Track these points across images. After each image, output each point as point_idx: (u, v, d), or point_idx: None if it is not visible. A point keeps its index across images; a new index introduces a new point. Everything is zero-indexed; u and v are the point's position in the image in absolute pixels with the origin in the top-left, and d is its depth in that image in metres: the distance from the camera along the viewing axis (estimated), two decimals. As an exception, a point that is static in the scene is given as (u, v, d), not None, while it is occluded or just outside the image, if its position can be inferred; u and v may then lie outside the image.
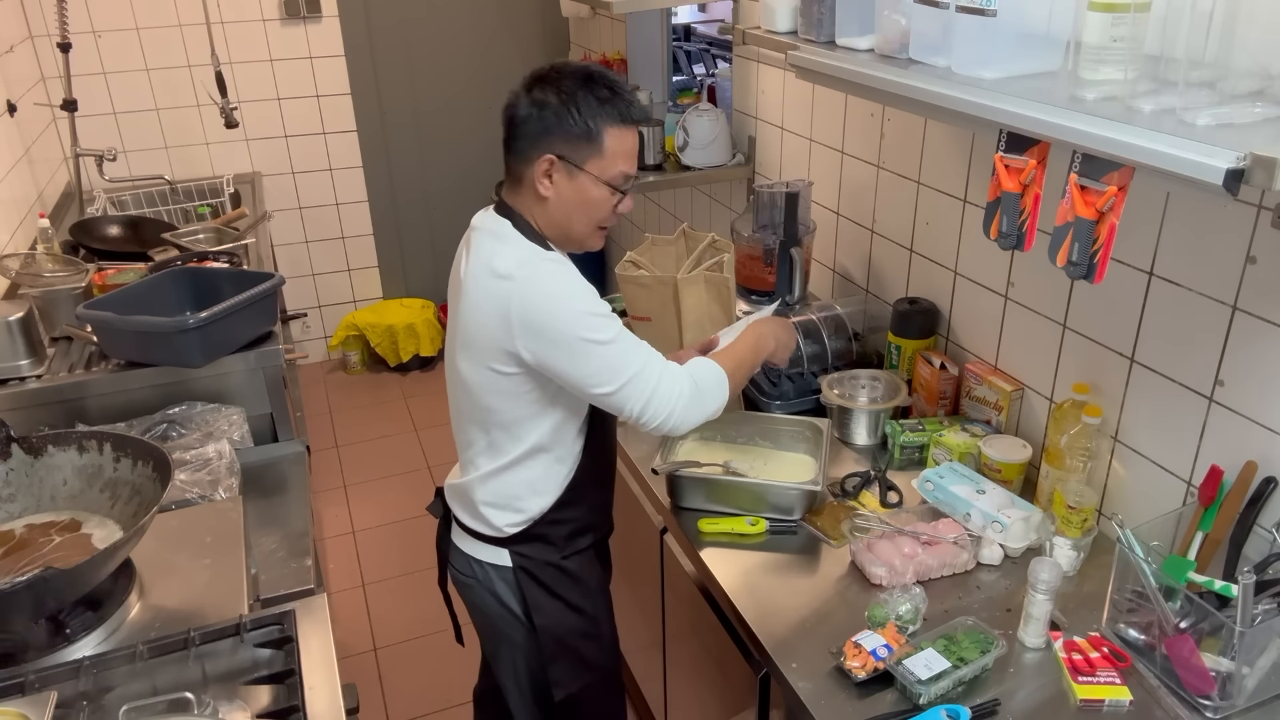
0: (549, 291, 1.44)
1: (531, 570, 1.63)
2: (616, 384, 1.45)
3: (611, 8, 2.70)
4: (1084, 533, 1.60)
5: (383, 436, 3.92)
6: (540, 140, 1.45)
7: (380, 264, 4.47)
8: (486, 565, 1.66)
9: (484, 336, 1.47)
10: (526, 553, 1.63)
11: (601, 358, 1.44)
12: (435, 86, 4.29)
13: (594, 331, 1.43)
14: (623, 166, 1.49)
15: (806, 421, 1.89)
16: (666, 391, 1.48)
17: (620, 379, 1.45)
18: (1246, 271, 1.36)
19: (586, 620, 1.69)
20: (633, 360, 1.46)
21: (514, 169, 1.51)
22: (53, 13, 3.17)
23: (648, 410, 1.47)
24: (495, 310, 1.44)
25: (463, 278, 1.52)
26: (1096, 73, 1.15)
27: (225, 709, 1.23)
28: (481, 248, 1.50)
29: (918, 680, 1.31)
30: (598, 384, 1.45)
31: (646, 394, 1.46)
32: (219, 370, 2.12)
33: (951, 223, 1.98)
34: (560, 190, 1.48)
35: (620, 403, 1.47)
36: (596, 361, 1.44)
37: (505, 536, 1.63)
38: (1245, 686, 1.28)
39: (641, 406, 1.47)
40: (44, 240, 2.60)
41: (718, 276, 1.94)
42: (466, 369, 1.53)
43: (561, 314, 1.43)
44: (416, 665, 2.75)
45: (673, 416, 1.49)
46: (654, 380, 1.47)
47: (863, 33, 1.57)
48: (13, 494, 1.56)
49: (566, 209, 1.49)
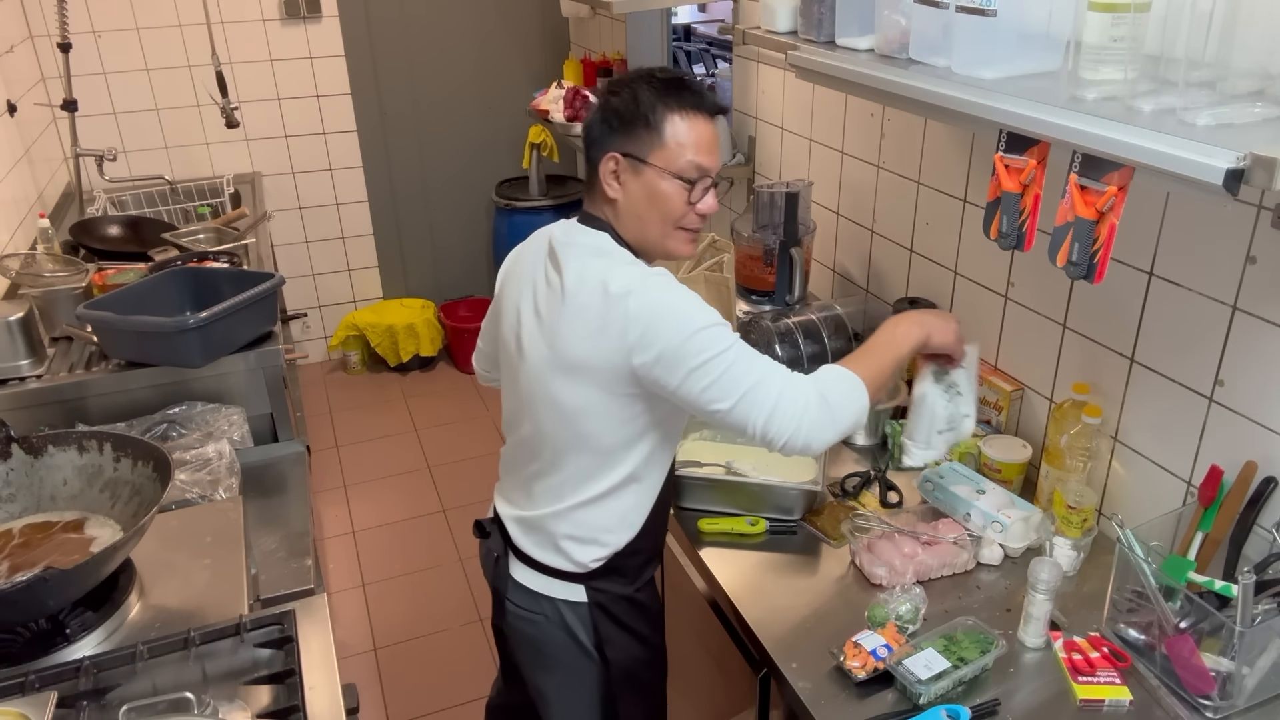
0: (666, 306, 1.34)
1: (606, 605, 1.54)
2: (733, 399, 1.33)
3: (611, 8, 2.70)
4: (1084, 533, 1.60)
5: (383, 436, 3.92)
6: (605, 141, 1.41)
7: (380, 264, 4.47)
8: (557, 601, 1.54)
9: (596, 357, 1.37)
10: (602, 587, 1.53)
11: (718, 371, 1.32)
12: (435, 86, 4.29)
13: (712, 344, 1.33)
14: (691, 156, 1.39)
15: None
16: (789, 405, 1.33)
17: (736, 393, 1.33)
18: (1246, 271, 1.36)
19: (650, 650, 1.63)
20: (750, 372, 1.34)
21: (591, 179, 1.45)
22: (53, 13, 3.17)
23: (771, 426, 1.33)
24: (610, 330, 1.34)
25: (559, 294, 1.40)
26: (1096, 73, 1.15)
27: (225, 709, 1.23)
28: (584, 264, 1.40)
29: (918, 680, 1.31)
30: (714, 399, 1.33)
31: (768, 408, 1.32)
32: (219, 370, 2.12)
33: (951, 223, 1.98)
34: (628, 190, 1.41)
35: (741, 419, 1.34)
36: (714, 374, 1.32)
37: (585, 571, 1.52)
38: (1245, 686, 1.28)
39: (764, 422, 1.33)
40: (44, 240, 2.60)
41: (718, 276, 1.94)
42: (568, 393, 1.41)
43: (680, 329, 1.33)
44: (416, 665, 2.75)
45: (800, 432, 1.33)
46: (774, 393, 1.33)
47: (863, 33, 1.57)
48: (13, 494, 1.56)
49: (637, 209, 1.41)
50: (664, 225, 1.42)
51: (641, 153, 1.39)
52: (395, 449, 3.83)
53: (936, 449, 1.54)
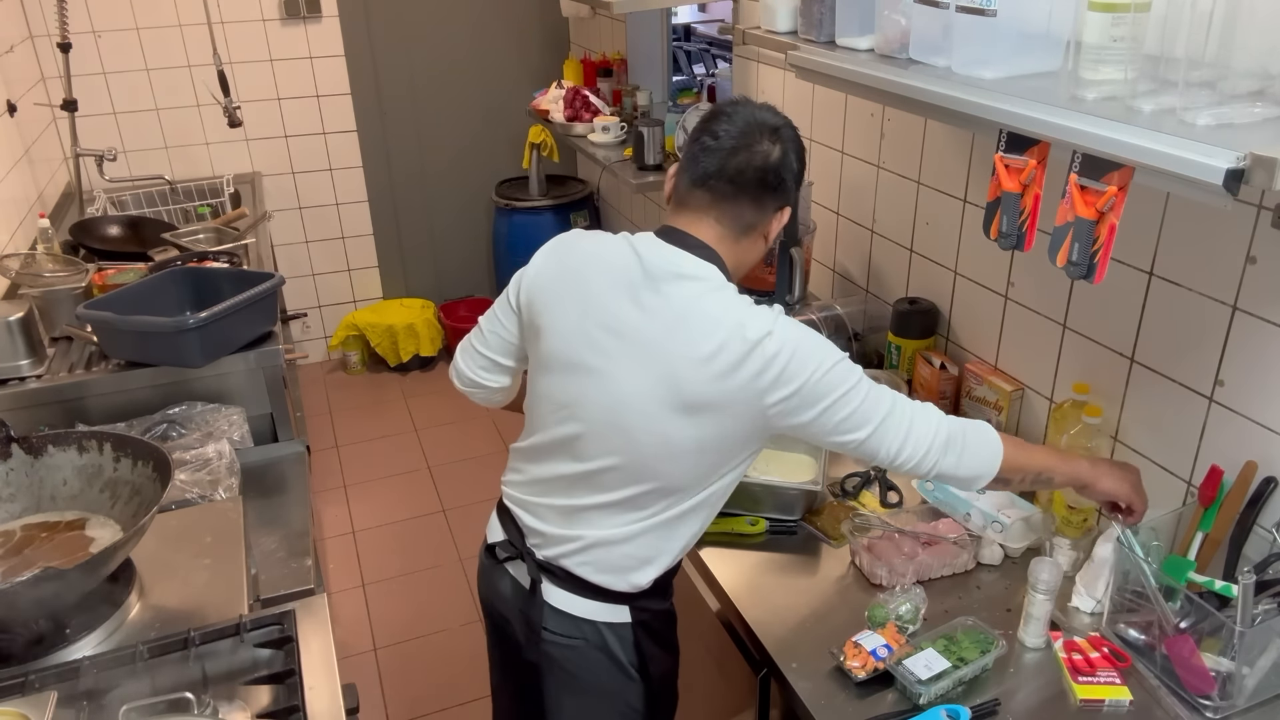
0: (803, 344, 1.31)
1: (648, 622, 1.50)
2: (870, 428, 1.32)
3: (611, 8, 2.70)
4: (1084, 533, 1.60)
5: (383, 436, 3.92)
6: (788, 194, 1.40)
7: (380, 264, 4.47)
8: (600, 624, 1.47)
9: (723, 396, 1.31)
10: (645, 605, 1.49)
11: (856, 401, 1.32)
12: (435, 86, 4.28)
13: (847, 377, 1.32)
14: None
15: None
16: (921, 431, 1.33)
17: (874, 422, 1.32)
18: (1246, 271, 1.36)
19: (676, 660, 1.61)
20: (882, 401, 1.34)
21: (744, 217, 1.39)
22: (53, 13, 3.17)
23: (905, 449, 1.33)
24: (746, 370, 1.29)
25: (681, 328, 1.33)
26: (1096, 73, 1.15)
27: (225, 709, 1.23)
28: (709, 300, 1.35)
29: (918, 680, 1.31)
30: (852, 429, 1.32)
31: (902, 433, 1.33)
32: (219, 370, 2.12)
33: (951, 223, 1.98)
34: (772, 238, 1.45)
35: (876, 447, 1.33)
36: (852, 404, 1.31)
37: (636, 591, 1.46)
38: (1245, 686, 1.28)
39: (899, 446, 1.33)
40: (44, 240, 2.60)
41: (718, 276, 1.93)
42: (686, 433, 1.34)
43: (819, 364, 1.31)
44: (416, 665, 2.75)
45: (930, 455, 1.34)
46: (907, 419, 1.34)
47: (863, 33, 1.57)
48: (13, 494, 1.56)
49: (763, 253, 1.48)
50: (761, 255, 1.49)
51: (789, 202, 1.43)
52: (395, 449, 3.83)
53: (1102, 603, 1.51)
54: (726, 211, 1.38)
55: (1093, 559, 1.51)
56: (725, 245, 1.39)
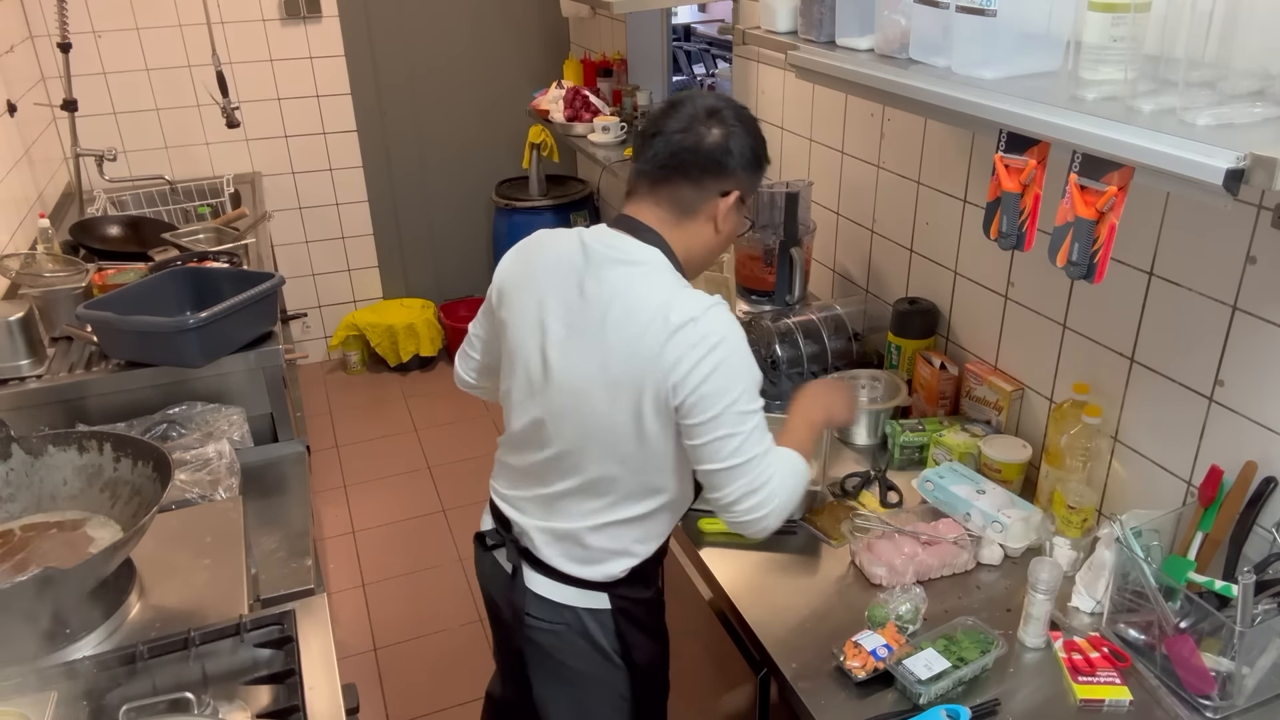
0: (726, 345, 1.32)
1: (628, 609, 1.53)
2: (739, 459, 1.33)
3: (611, 8, 2.70)
4: (1084, 533, 1.60)
5: (383, 436, 3.92)
6: (731, 175, 1.42)
7: (380, 264, 4.47)
8: (579, 610, 1.51)
9: (644, 379, 1.34)
10: (625, 593, 1.52)
11: (747, 427, 1.33)
12: (435, 86, 4.28)
13: (753, 401, 1.34)
14: None
15: None
16: (775, 490, 1.36)
17: (745, 456, 1.33)
18: (1246, 271, 1.36)
19: (664, 647, 1.63)
20: (762, 442, 1.35)
21: (684, 198, 1.41)
22: (53, 13, 3.17)
23: (752, 498, 1.35)
24: (667, 355, 1.31)
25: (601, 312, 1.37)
26: (1096, 73, 1.15)
27: (225, 709, 1.23)
28: (638, 284, 1.37)
29: (918, 680, 1.31)
30: (728, 453, 1.33)
31: (761, 480, 1.35)
32: (219, 370, 2.12)
33: (951, 223, 1.98)
34: (727, 225, 1.46)
35: (727, 480, 1.34)
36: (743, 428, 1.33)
37: (612, 580, 1.50)
38: (1245, 686, 1.28)
39: (746, 492, 1.34)
40: (44, 240, 2.60)
41: (718, 276, 1.94)
42: (621, 414, 1.37)
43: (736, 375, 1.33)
44: (416, 665, 2.75)
45: (770, 516, 1.37)
46: (769, 473, 1.36)
47: (863, 33, 1.57)
48: (13, 494, 1.56)
49: (723, 243, 1.49)
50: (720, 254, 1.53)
51: (747, 194, 1.46)
52: (395, 449, 3.83)
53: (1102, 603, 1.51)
54: (665, 195, 1.43)
55: (1093, 559, 1.51)
56: (667, 229, 1.43)
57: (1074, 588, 1.51)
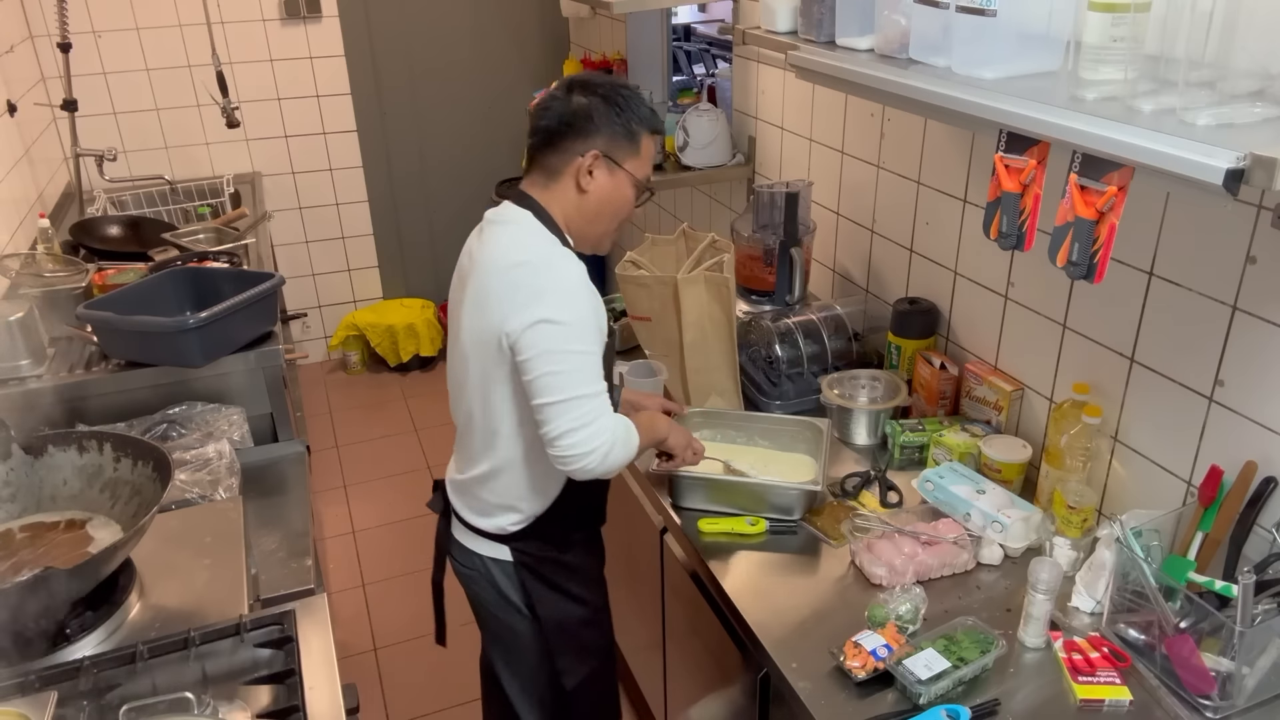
0: (558, 280, 1.45)
1: (531, 565, 1.65)
2: (563, 395, 1.42)
3: (611, 8, 2.70)
4: (1084, 533, 1.60)
5: (383, 436, 3.92)
6: (589, 138, 1.52)
7: (380, 264, 4.47)
8: (487, 559, 1.68)
9: (489, 324, 1.48)
10: (526, 549, 1.65)
11: (571, 365, 1.43)
12: (435, 86, 4.29)
13: (582, 339, 1.44)
14: (648, 171, 1.59)
15: (806, 421, 1.89)
16: (598, 434, 1.44)
17: (569, 393, 1.42)
18: (1246, 271, 1.36)
19: (587, 609, 1.72)
20: (590, 384, 1.45)
21: (549, 163, 1.54)
22: (53, 13, 3.17)
23: (571, 438, 1.43)
24: (503, 295, 1.46)
25: (472, 269, 1.54)
26: (1096, 73, 1.15)
27: (225, 709, 1.23)
28: (499, 238, 1.53)
29: (918, 680, 1.31)
30: (549, 390, 1.42)
31: (585, 420, 1.43)
32: (219, 370, 2.12)
33: (951, 223, 1.98)
34: (600, 185, 1.54)
35: (553, 415, 1.43)
36: (566, 366, 1.43)
37: (506, 534, 1.64)
38: (1245, 686, 1.28)
39: (568, 432, 1.43)
40: (44, 240, 2.60)
41: (718, 276, 1.94)
42: (473, 362, 1.54)
43: (564, 310, 1.43)
44: (416, 665, 2.75)
45: (592, 455, 1.44)
46: (597, 412, 1.45)
47: (863, 33, 1.57)
48: (13, 494, 1.56)
49: (600, 205, 1.55)
50: (611, 223, 1.59)
51: (620, 158, 1.54)
52: (395, 449, 3.83)
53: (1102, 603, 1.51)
54: (537, 163, 1.57)
55: (1093, 559, 1.51)
56: (538, 192, 1.56)
57: (1074, 588, 1.51)
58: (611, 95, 1.53)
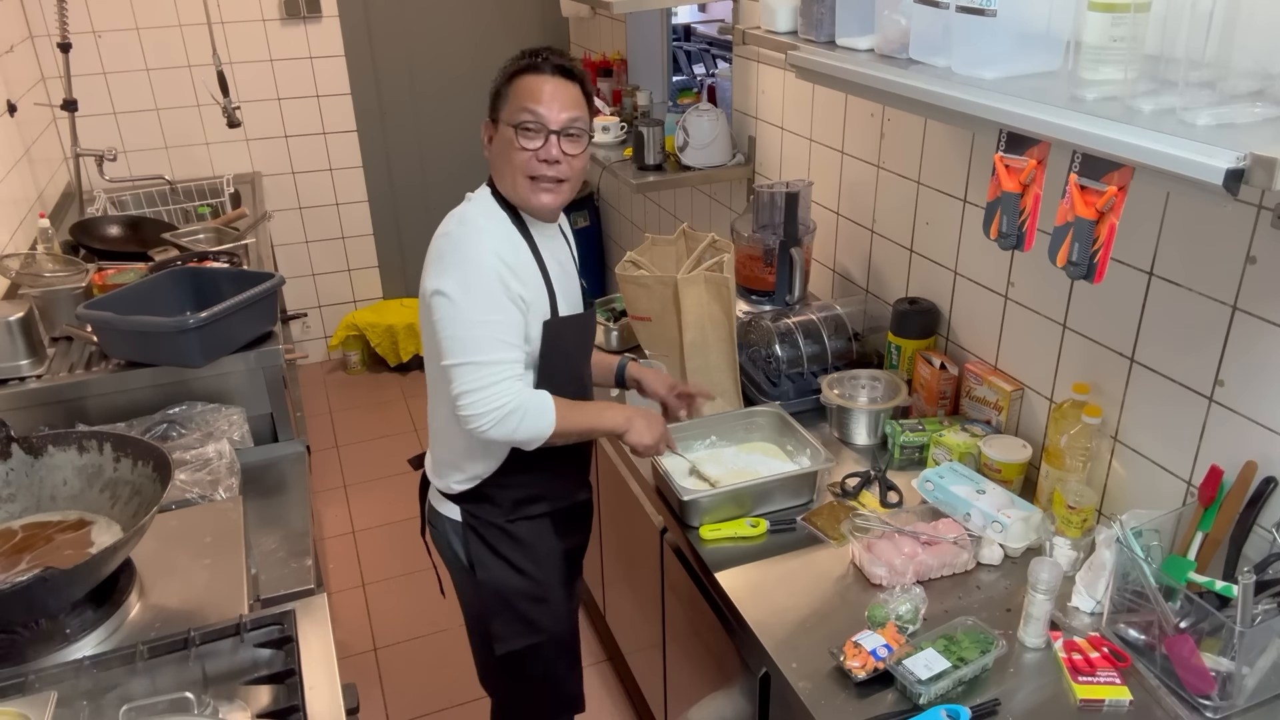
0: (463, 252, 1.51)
1: (477, 528, 1.71)
2: (458, 360, 1.50)
3: (611, 8, 2.70)
4: (1084, 533, 1.60)
5: (383, 436, 3.92)
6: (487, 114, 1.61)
7: (380, 264, 4.47)
8: (443, 516, 1.75)
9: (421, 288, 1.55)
10: (474, 511, 1.71)
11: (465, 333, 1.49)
12: (435, 86, 4.28)
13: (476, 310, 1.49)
14: (524, 104, 1.54)
15: (754, 410, 1.93)
16: (497, 395, 1.50)
17: (464, 358, 1.49)
18: (1246, 271, 1.36)
19: (531, 583, 1.74)
20: (491, 350, 1.50)
21: None
22: (53, 13, 3.17)
23: (468, 397, 1.50)
24: (428, 262, 1.55)
25: None
26: (1096, 73, 1.15)
27: (225, 709, 1.23)
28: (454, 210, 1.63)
29: (918, 680, 1.31)
30: (448, 353, 1.50)
31: (480, 384, 1.50)
32: (219, 370, 2.12)
33: (951, 223, 1.98)
34: (493, 149, 1.60)
35: (452, 377, 1.51)
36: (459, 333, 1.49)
37: (454, 494, 1.71)
38: (1245, 686, 1.28)
39: (464, 390, 1.50)
40: (44, 240, 2.60)
41: (718, 276, 1.94)
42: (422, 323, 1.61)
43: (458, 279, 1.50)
44: (416, 665, 2.75)
45: (485, 418, 1.50)
46: (495, 378, 1.50)
47: (863, 33, 1.57)
48: (13, 494, 1.56)
49: (498, 164, 1.60)
50: (515, 175, 1.57)
51: (496, 114, 1.59)
52: (395, 449, 3.83)
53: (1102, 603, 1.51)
54: None
55: (1093, 559, 1.51)
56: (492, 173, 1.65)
57: (1074, 588, 1.51)
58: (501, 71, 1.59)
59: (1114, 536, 1.40)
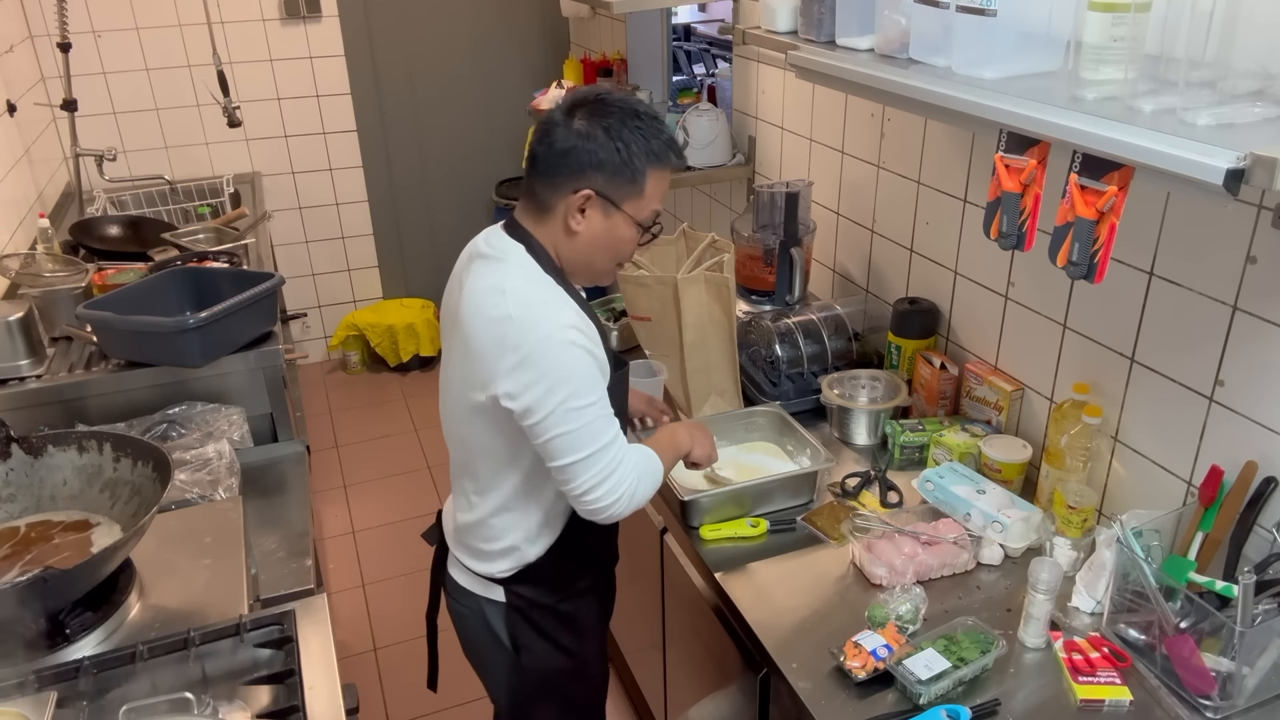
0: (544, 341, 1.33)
1: (524, 611, 1.57)
2: (579, 455, 1.35)
3: (611, 8, 2.69)
4: (1084, 533, 1.60)
5: (383, 436, 3.92)
6: (581, 174, 1.36)
7: (380, 264, 4.47)
8: (480, 598, 1.59)
9: (478, 379, 1.39)
10: (522, 593, 1.56)
11: (581, 422, 1.34)
12: (435, 86, 4.28)
13: (580, 395, 1.34)
14: (655, 206, 1.43)
15: (754, 410, 1.93)
16: (624, 475, 1.39)
17: (585, 450, 1.35)
18: (1246, 271, 1.36)
19: (576, 662, 1.64)
20: (605, 432, 1.37)
21: (542, 196, 1.42)
22: (53, 13, 3.17)
23: (601, 488, 1.37)
24: (490, 352, 1.35)
25: (459, 306, 1.43)
26: (1096, 72, 1.15)
27: (225, 709, 1.23)
28: (486, 277, 1.40)
29: (918, 680, 1.31)
30: (564, 451, 1.35)
31: (606, 471, 1.37)
32: (219, 370, 2.12)
33: (951, 223, 1.98)
34: (592, 226, 1.40)
35: (574, 475, 1.37)
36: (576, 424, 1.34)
37: (501, 578, 1.56)
38: (1245, 686, 1.28)
39: (592, 485, 1.37)
40: (44, 240, 2.60)
41: (718, 276, 1.94)
42: (464, 401, 1.44)
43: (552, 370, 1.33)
44: (416, 665, 2.75)
45: (620, 502, 1.39)
46: (618, 459, 1.38)
47: (863, 33, 1.57)
48: (13, 494, 1.56)
49: (594, 246, 1.42)
50: (611, 262, 1.47)
51: (618, 199, 1.39)
52: (395, 449, 3.83)
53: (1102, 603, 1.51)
54: (529, 191, 1.45)
55: (1093, 559, 1.51)
56: (532, 224, 1.45)
57: (1074, 588, 1.51)
58: (616, 126, 1.35)
59: (1114, 536, 1.40)
